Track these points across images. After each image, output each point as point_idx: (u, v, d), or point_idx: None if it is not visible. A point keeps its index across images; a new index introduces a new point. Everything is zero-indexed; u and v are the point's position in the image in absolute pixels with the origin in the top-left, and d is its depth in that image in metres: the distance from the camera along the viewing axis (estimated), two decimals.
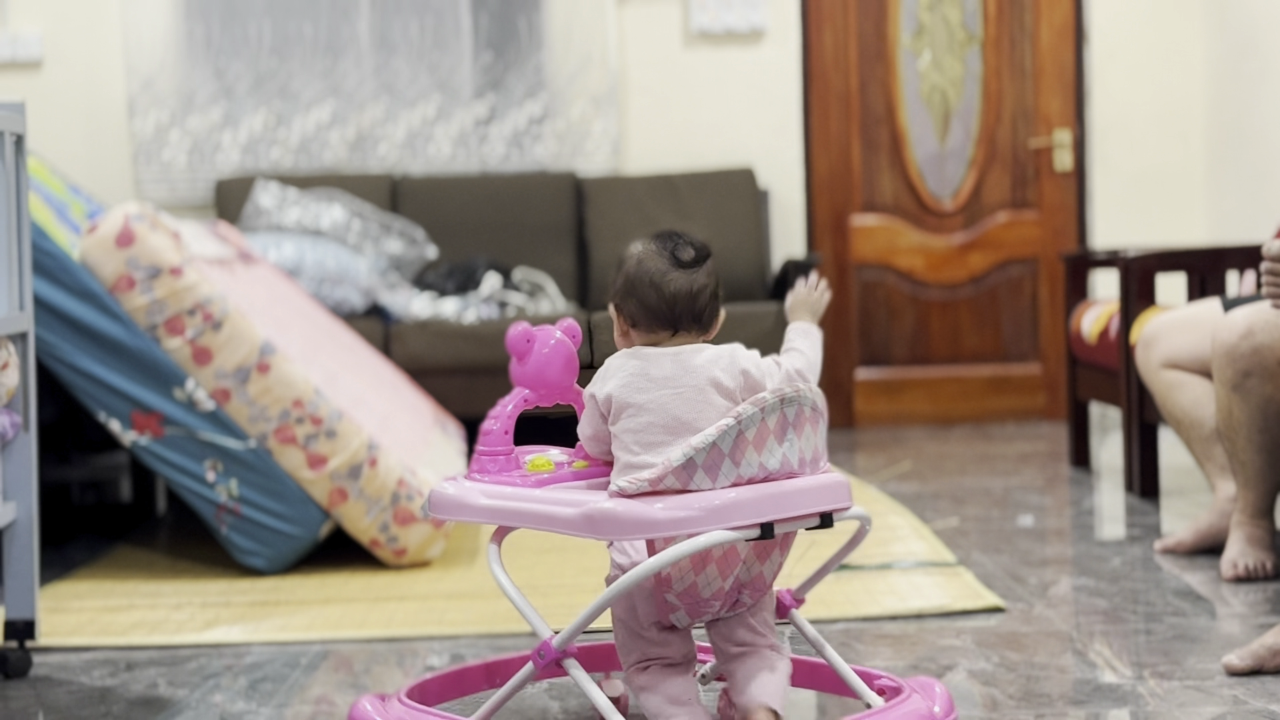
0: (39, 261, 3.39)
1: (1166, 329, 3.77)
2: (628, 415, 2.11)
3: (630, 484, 1.99)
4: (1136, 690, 2.48)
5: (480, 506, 2.19)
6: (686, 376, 2.11)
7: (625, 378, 2.12)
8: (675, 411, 2.09)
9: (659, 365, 2.12)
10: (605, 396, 2.14)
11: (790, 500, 2.04)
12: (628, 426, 2.11)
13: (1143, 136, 6.33)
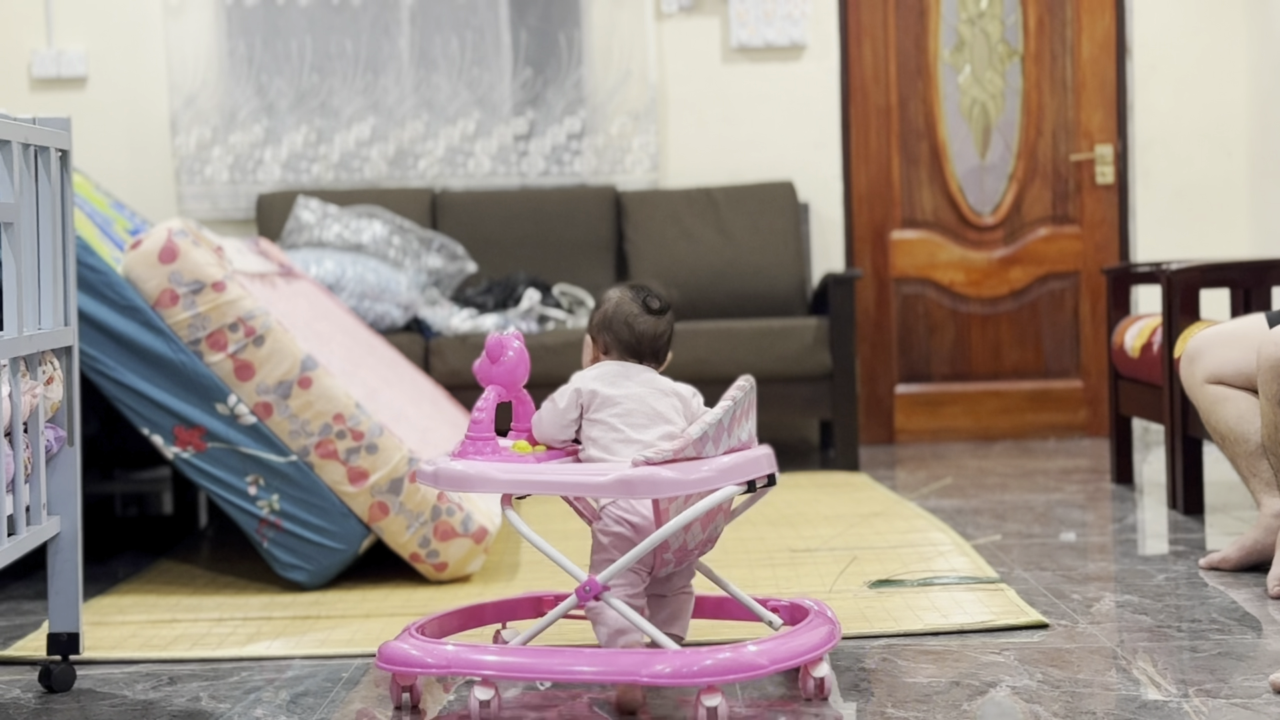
0: (83, 276, 3.41)
1: (1210, 344, 3.75)
2: (610, 405, 2.68)
3: (656, 454, 2.47)
4: (1182, 708, 2.46)
5: (505, 480, 2.58)
6: (656, 383, 2.74)
7: (607, 379, 2.71)
8: (652, 404, 2.71)
9: (633, 373, 2.74)
10: (590, 390, 2.69)
11: (756, 464, 2.64)
12: (614, 413, 2.68)
13: (1186, 150, 6.30)
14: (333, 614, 3.34)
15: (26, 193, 2.63)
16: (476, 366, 2.76)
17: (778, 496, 4.68)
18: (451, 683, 2.76)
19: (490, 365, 2.73)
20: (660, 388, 2.73)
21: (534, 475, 2.58)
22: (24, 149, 2.62)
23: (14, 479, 2.58)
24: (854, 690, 2.66)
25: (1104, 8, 6.34)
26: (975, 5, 6.37)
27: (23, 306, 2.60)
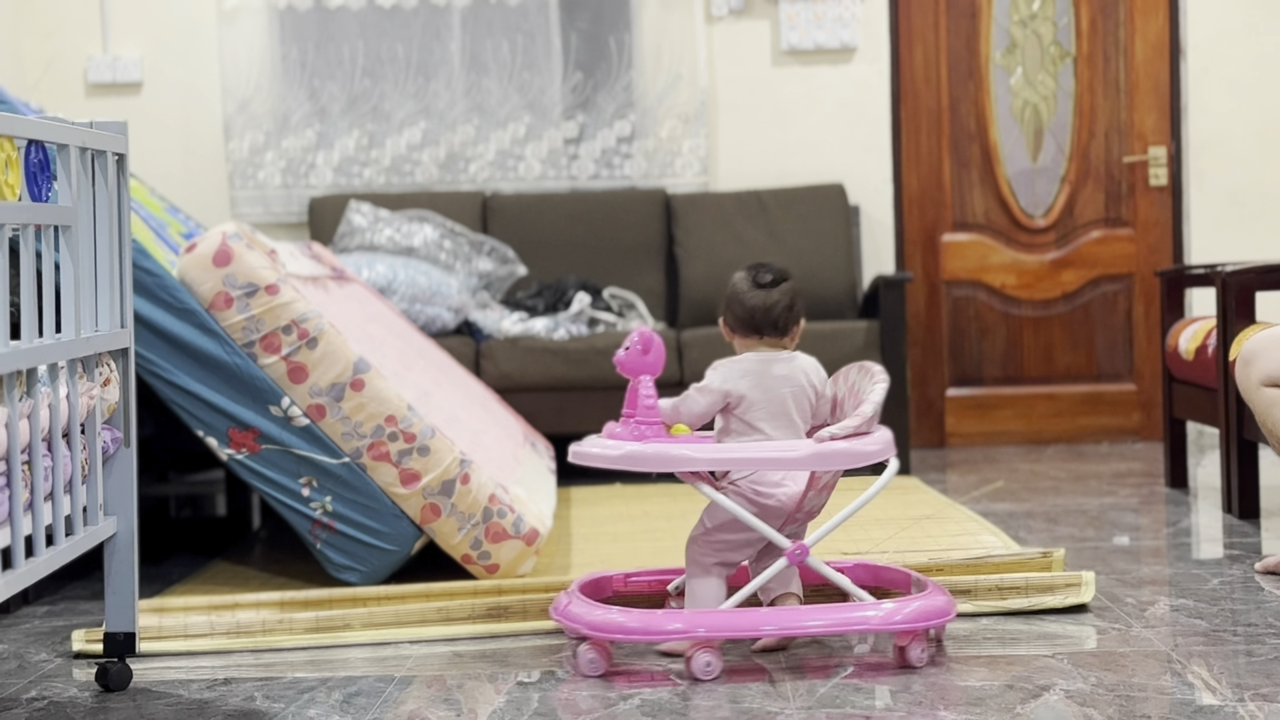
0: (139, 279, 3.44)
1: (1267, 346, 3.73)
2: (753, 405, 2.91)
3: (840, 430, 2.81)
4: (1237, 713, 2.45)
5: (708, 459, 2.89)
6: (796, 377, 2.96)
7: (751, 380, 2.92)
8: (785, 404, 2.94)
9: (775, 368, 2.95)
10: (739, 394, 2.92)
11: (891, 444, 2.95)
12: (752, 413, 2.92)
13: (1241, 152, 6.26)
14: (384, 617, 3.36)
15: (84, 196, 2.65)
16: (623, 358, 2.92)
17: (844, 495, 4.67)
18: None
19: (643, 356, 2.90)
20: (796, 383, 2.96)
21: (729, 454, 2.90)
22: (81, 153, 2.65)
23: (71, 480, 2.60)
24: (905, 691, 2.65)
25: (1157, 9, 6.31)
26: (1027, 7, 6.35)
27: (80, 309, 2.62)
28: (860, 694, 2.65)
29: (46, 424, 2.49)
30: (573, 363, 5.39)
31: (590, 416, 5.35)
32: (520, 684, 2.78)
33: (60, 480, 2.54)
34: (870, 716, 2.51)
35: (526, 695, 2.69)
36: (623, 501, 4.90)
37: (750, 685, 2.72)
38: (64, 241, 2.62)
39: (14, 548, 2.39)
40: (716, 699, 2.63)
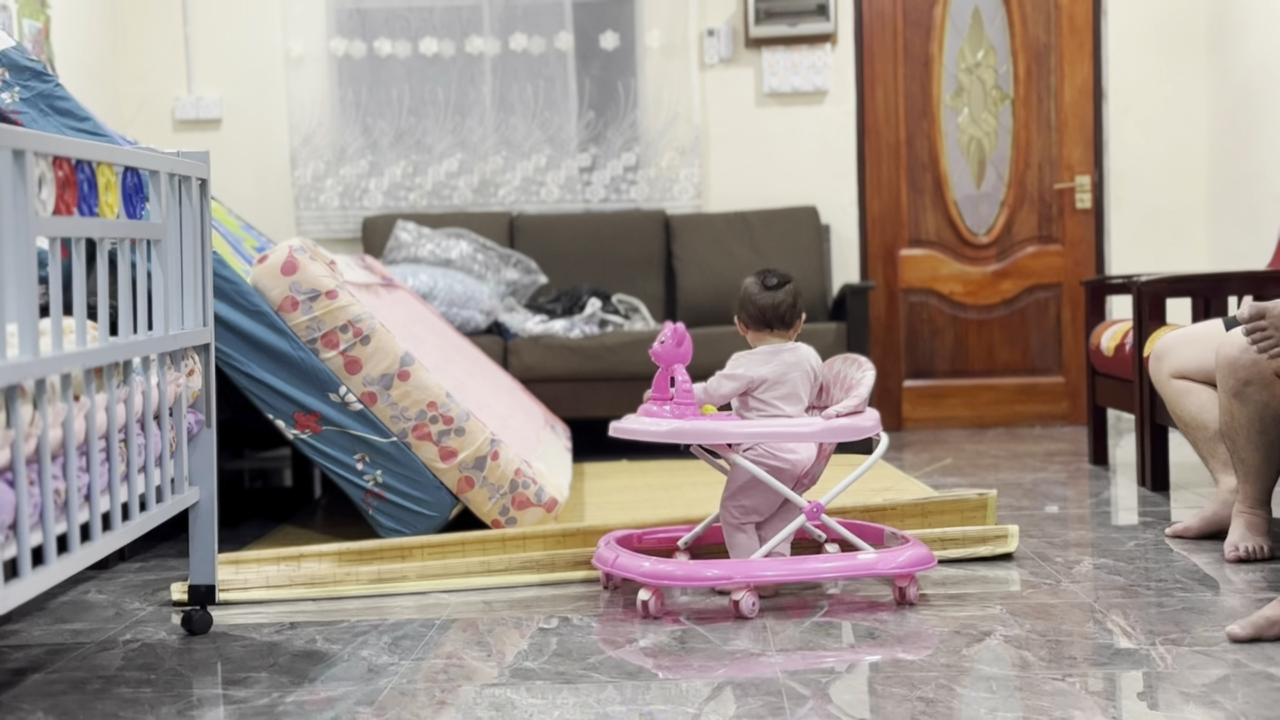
0: (218, 286, 3.44)
1: (1175, 344, 3.73)
2: (771, 387, 3.00)
3: (843, 409, 2.92)
4: (1150, 655, 2.45)
5: (741, 432, 2.92)
6: (803, 364, 3.04)
7: (765, 368, 3.01)
8: (796, 386, 3.03)
9: (784, 355, 3.03)
10: (761, 378, 3.00)
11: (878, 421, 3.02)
12: (771, 393, 3.00)
13: (1153, 180, 6.26)
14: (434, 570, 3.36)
15: (172, 215, 2.66)
16: (659, 350, 2.98)
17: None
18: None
19: (677, 348, 2.97)
20: (803, 369, 3.04)
21: (757, 428, 2.93)
22: (170, 178, 2.65)
23: (160, 455, 2.60)
24: (869, 637, 2.65)
25: (1083, 58, 6.30)
26: (972, 56, 6.34)
27: (168, 310, 2.63)
28: (830, 637, 2.65)
29: (140, 408, 2.49)
30: (586, 357, 5.39)
31: (601, 403, 5.38)
32: (541, 629, 2.78)
33: (152, 456, 2.55)
34: (839, 657, 2.51)
35: (546, 639, 2.70)
36: (628, 475, 4.91)
37: (740, 627, 2.72)
38: (155, 253, 2.62)
39: (112, 513, 2.39)
40: (709, 641, 2.63)
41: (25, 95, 3.33)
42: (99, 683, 2.45)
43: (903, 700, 2.22)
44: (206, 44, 6.30)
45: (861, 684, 2.36)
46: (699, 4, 6.25)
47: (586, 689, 2.33)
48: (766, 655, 2.52)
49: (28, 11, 5.38)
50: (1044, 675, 2.34)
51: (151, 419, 2.55)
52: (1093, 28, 6.29)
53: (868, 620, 2.78)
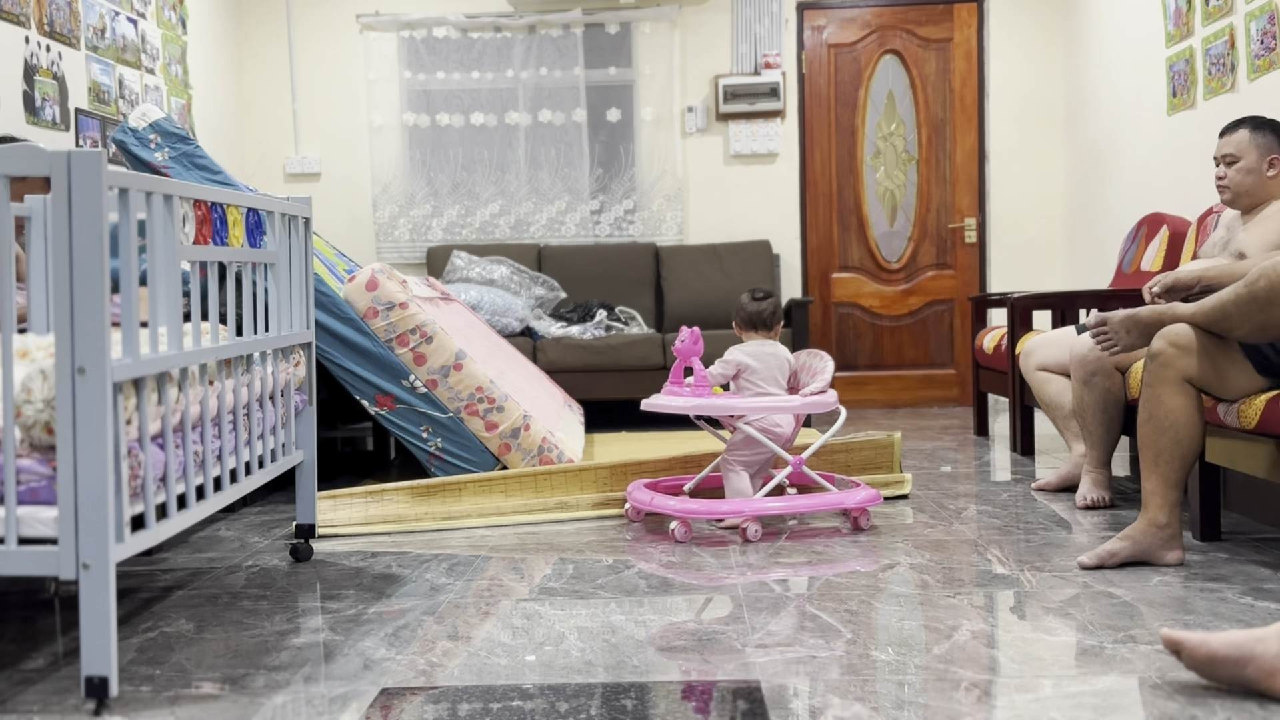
0: (318, 298, 3.43)
1: (1039, 345, 3.74)
2: (752, 372, 3.06)
3: (817, 389, 2.99)
4: (1019, 579, 2.45)
5: (744, 405, 2.95)
6: (779, 355, 3.11)
7: (751, 358, 3.07)
8: (774, 372, 3.08)
9: (765, 349, 3.10)
10: (747, 364, 3.07)
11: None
12: (754, 376, 3.06)
13: (1022, 221, 6.26)
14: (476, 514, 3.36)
15: (283, 245, 2.65)
16: (679, 347, 3.00)
17: None
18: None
19: (693, 345, 3.00)
20: (779, 359, 3.11)
21: (760, 402, 2.96)
22: (281, 217, 2.64)
23: (274, 426, 2.60)
24: (807, 564, 2.65)
25: (970, 129, 6.30)
26: (887, 127, 6.34)
27: (280, 317, 2.62)
28: (781, 566, 2.64)
29: (259, 390, 2.49)
30: (595, 354, 5.38)
31: (607, 388, 5.38)
32: (561, 559, 2.78)
33: (267, 426, 2.54)
34: (787, 577, 2.51)
35: (564, 566, 2.69)
36: (627, 443, 4.90)
37: (718, 551, 2.72)
38: (270, 274, 2.61)
39: (237, 469, 2.39)
40: (689, 569, 2.63)
41: (173, 154, 3.32)
42: (227, 598, 2.45)
43: (833, 611, 2.22)
44: (310, 116, 6.29)
45: (803, 598, 2.36)
46: (681, 88, 6.24)
47: (595, 603, 2.33)
48: (730, 577, 2.52)
49: (175, 91, 5.36)
50: (939, 594, 2.34)
51: (267, 398, 2.54)
52: (978, 106, 6.29)
53: (811, 548, 2.78)
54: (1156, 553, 2.48)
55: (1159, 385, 2.46)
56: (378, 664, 1.95)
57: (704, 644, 2.01)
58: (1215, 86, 4.36)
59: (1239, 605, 2.16)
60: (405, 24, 6.22)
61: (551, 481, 3.39)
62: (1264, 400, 2.42)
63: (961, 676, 1.79)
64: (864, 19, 6.27)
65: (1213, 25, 4.36)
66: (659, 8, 6.18)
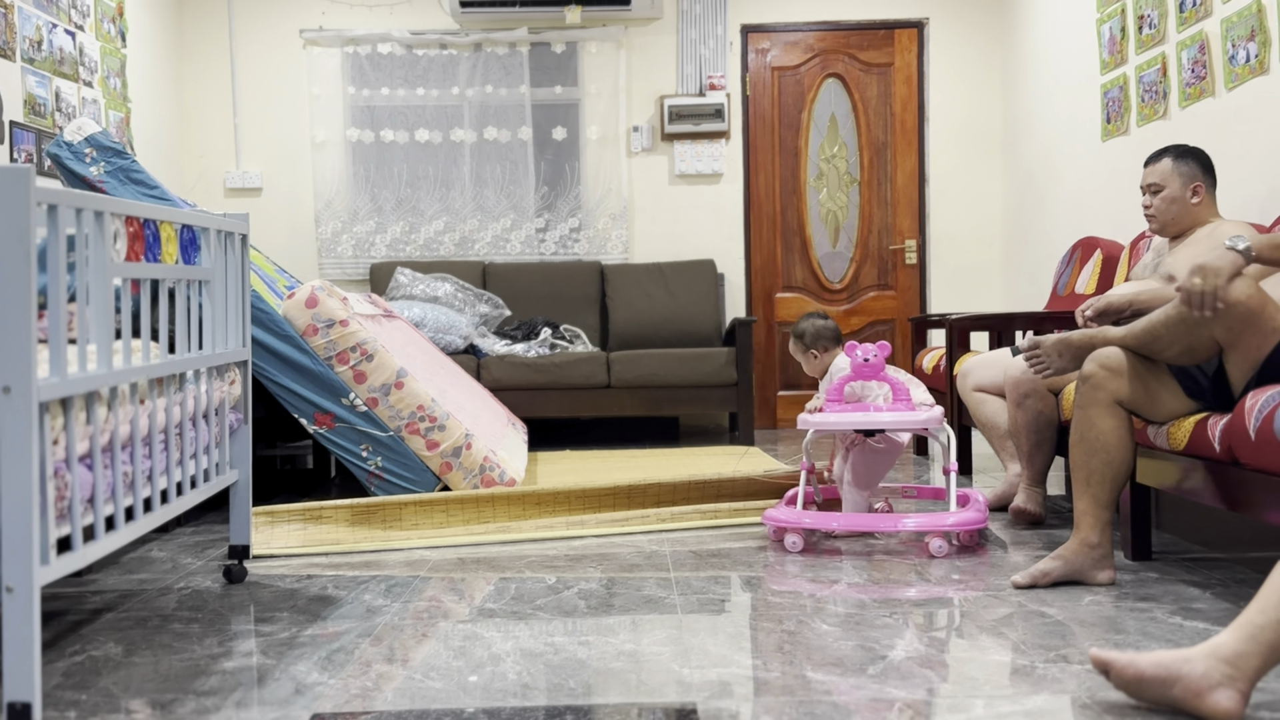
0: (256, 315, 3.39)
1: (975, 366, 3.77)
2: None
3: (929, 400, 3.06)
4: (954, 598, 2.47)
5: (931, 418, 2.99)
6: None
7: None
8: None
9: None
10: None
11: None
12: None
13: (961, 244, 6.35)
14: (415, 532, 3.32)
15: (219, 261, 2.61)
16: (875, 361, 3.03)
17: (711, 457, 4.67)
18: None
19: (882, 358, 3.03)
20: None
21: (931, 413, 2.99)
22: (217, 234, 2.60)
23: (208, 445, 2.56)
24: (746, 585, 2.65)
25: (910, 152, 6.38)
26: (830, 149, 6.40)
27: (215, 334, 2.58)
28: (719, 585, 2.64)
29: (191, 409, 2.45)
30: (539, 372, 5.36)
31: (551, 407, 5.37)
32: (502, 578, 2.75)
33: (200, 445, 2.50)
34: (726, 596, 2.51)
35: (507, 585, 2.67)
36: (570, 461, 4.88)
37: (656, 581, 2.70)
38: (205, 291, 2.57)
39: (169, 489, 2.34)
40: (627, 588, 2.62)
41: (109, 169, 3.27)
42: (157, 620, 2.40)
43: (770, 632, 2.22)
44: (251, 130, 6.22)
45: (741, 619, 2.35)
46: (626, 108, 6.25)
47: (535, 624, 2.31)
48: (670, 597, 2.52)
49: (113, 105, 5.28)
50: (876, 613, 2.35)
51: (201, 417, 2.50)
52: (918, 130, 6.37)
53: (748, 571, 2.78)
54: (1088, 572, 2.52)
55: (1090, 407, 2.50)
56: (310, 688, 1.92)
57: (641, 665, 2.01)
58: (1148, 113, 4.45)
59: (1168, 625, 2.20)
60: (349, 40, 6.18)
61: (494, 505, 3.36)
62: (1192, 422, 2.46)
63: (895, 697, 1.80)
64: (807, 42, 6.33)
65: (1146, 53, 4.46)
66: (605, 28, 6.20)
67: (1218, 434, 2.35)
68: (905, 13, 6.31)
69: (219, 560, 2.99)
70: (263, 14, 6.21)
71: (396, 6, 6.23)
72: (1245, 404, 2.26)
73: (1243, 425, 2.24)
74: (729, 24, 6.27)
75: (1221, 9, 3.87)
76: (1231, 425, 2.29)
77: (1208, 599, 2.39)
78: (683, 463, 4.66)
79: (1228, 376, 2.39)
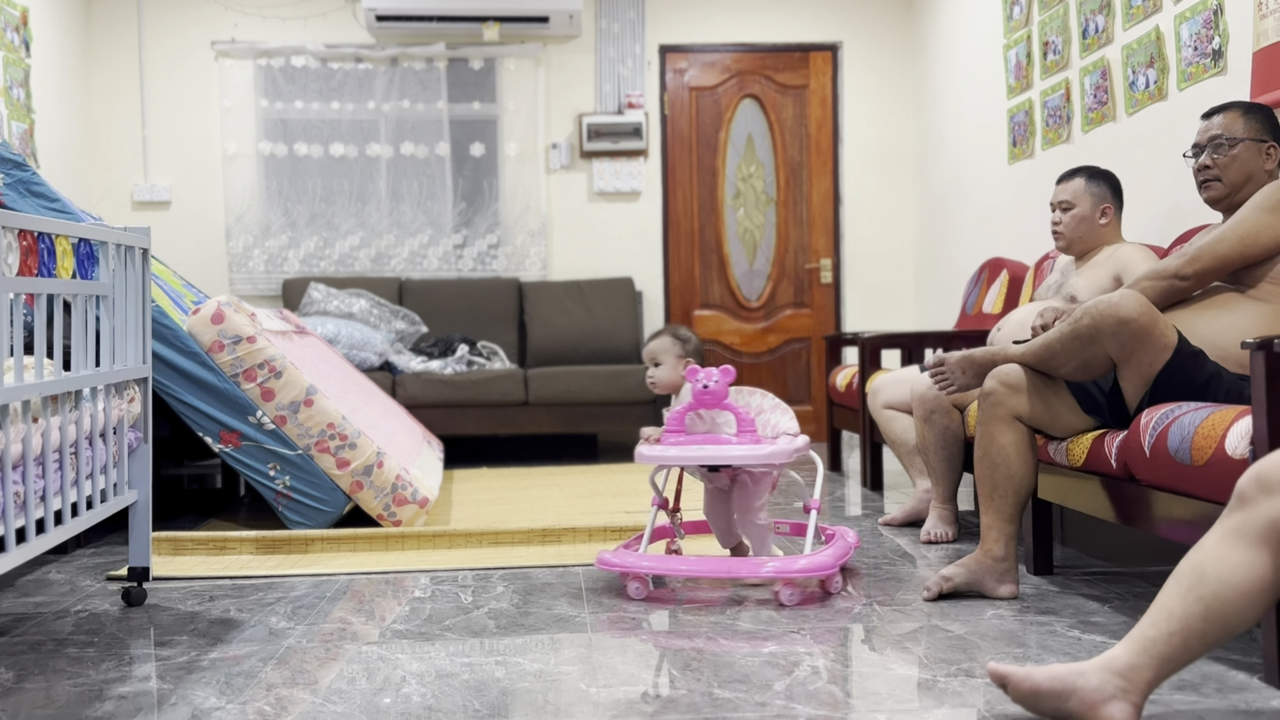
0: (159, 331, 3.31)
1: (886, 383, 3.83)
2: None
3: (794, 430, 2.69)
4: (866, 612, 2.49)
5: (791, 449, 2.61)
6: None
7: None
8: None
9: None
10: None
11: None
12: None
13: (874, 263, 6.44)
14: (324, 552, 3.27)
15: (118, 276, 2.55)
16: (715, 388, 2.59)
17: (629, 474, 4.66)
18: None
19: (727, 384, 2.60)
20: None
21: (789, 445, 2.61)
22: (116, 248, 2.54)
23: (106, 465, 2.49)
24: (658, 601, 2.65)
25: (825, 173, 6.47)
26: (747, 169, 6.46)
27: (114, 350, 2.52)
28: (623, 599, 2.63)
29: (88, 427, 2.38)
30: (457, 389, 5.32)
31: (468, 424, 5.32)
32: (415, 598, 2.72)
33: (97, 465, 2.43)
34: (637, 615, 2.50)
35: (421, 605, 2.64)
36: (486, 479, 4.85)
37: (567, 597, 2.69)
38: (103, 306, 2.51)
39: (64, 510, 2.28)
40: (537, 608, 2.60)
41: (8, 181, 3.18)
42: (52, 644, 2.32)
43: (680, 650, 2.22)
44: (160, 143, 6.09)
45: (651, 636, 2.35)
46: (545, 125, 6.25)
47: (443, 645, 2.29)
48: (581, 616, 2.50)
49: (16, 115, 5.13)
50: (786, 627, 2.36)
51: (98, 436, 2.43)
52: (833, 151, 6.47)
53: (660, 588, 2.78)
54: (990, 584, 2.56)
55: (991, 423, 2.55)
56: (208, 714, 1.87)
57: (550, 685, 1.99)
58: (1052, 137, 4.57)
59: (1067, 639, 2.24)
60: (262, 52, 6.09)
61: (403, 542, 3.31)
62: (1090, 439, 2.52)
63: (799, 712, 1.81)
64: (724, 63, 6.39)
65: (1050, 79, 4.58)
66: (523, 44, 6.20)
67: (1114, 450, 2.41)
68: (820, 36, 6.41)
69: (118, 582, 2.91)
70: (173, 25, 6.10)
71: (310, 19, 6.16)
72: (1140, 421, 2.32)
73: (1138, 442, 2.30)
74: (647, 43, 6.30)
75: (1122, 36, 3.99)
76: (1127, 442, 2.35)
77: (1106, 612, 2.44)
78: (601, 480, 4.65)
79: (1122, 393, 2.46)
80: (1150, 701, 1.82)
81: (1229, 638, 1.62)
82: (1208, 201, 2.69)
